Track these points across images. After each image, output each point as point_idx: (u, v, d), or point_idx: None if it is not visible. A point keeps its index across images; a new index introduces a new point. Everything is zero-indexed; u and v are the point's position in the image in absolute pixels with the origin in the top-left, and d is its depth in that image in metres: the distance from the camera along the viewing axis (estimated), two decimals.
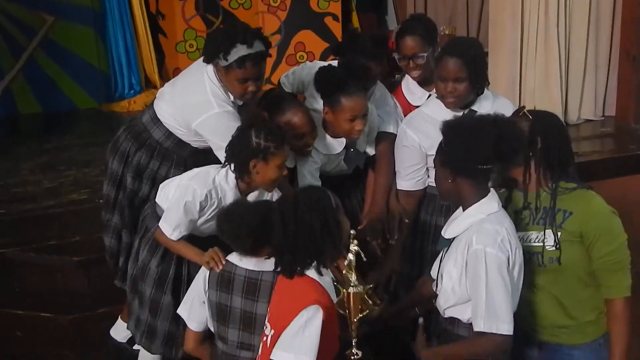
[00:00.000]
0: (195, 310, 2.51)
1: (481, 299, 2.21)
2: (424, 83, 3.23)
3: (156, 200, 2.91)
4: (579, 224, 2.36)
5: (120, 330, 3.36)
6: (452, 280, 2.31)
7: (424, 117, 2.96)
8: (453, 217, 2.42)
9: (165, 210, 2.76)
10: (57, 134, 5.85)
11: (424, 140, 2.92)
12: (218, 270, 2.44)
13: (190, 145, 3.09)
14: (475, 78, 2.83)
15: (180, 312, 2.56)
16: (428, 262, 2.58)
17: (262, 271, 2.38)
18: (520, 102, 5.31)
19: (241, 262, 2.42)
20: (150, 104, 3.17)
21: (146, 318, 2.90)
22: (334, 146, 3.05)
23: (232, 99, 2.94)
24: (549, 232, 2.39)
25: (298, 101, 3.14)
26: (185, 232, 2.72)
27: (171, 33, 6.94)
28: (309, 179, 3.01)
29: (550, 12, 5.47)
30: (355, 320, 2.55)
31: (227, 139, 2.75)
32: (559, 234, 2.37)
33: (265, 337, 2.22)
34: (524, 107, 2.54)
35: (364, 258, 2.55)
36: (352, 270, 2.54)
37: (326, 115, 2.98)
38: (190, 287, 2.57)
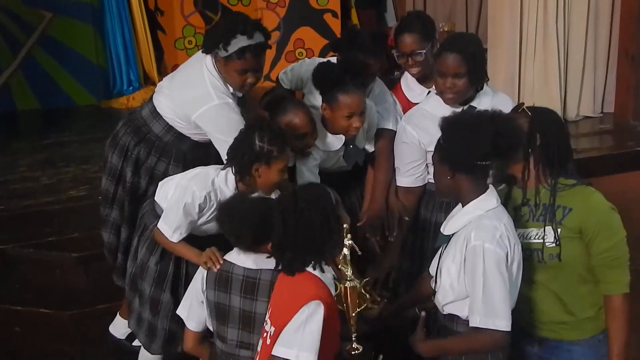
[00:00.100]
0: (194, 310, 2.50)
1: (479, 294, 2.21)
2: (423, 80, 3.22)
3: (155, 199, 2.89)
4: (578, 220, 2.35)
5: (119, 326, 3.35)
6: (450, 277, 2.30)
7: (424, 114, 2.96)
8: (452, 213, 2.41)
9: (165, 211, 2.75)
10: (55, 131, 5.85)
11: (423, 137, 2.92)
12: (215, 270, 2.44)
13: (190, 138, 3.08)
14: (474, 74, 2.82)
15: (180, 312, 2.55)
16: (428, 259, 2.58)
17: (261, 270, 2.37)
18: (519, 99, 5.32)
19: (239, 261, 2.41)
20: (150, 98, 3.16)
21: (147, 317, 2.89)
22: (333, 143, 3.05)
23: (231, 90, 2.93)
24: (548, 228, 2.38)
25: (299, 101, 3.12)
26: (185, 233, 2.71)
27: (170, 29, 6.94)
28: (308, 176, 3.00)
29: (549, 9, 5.47)
30: (353, 315, 2.55)
31: (227, 130, 2.75)
32: (559, 230, 2.37)
33: (266, 334, 2.21)
34: (523, 103, 2.53)
35: (358, 252, 2.54)
36: (347, 265, 2.54)
37: (324, 111, 2.97)
38: (189, 287, 2.57)
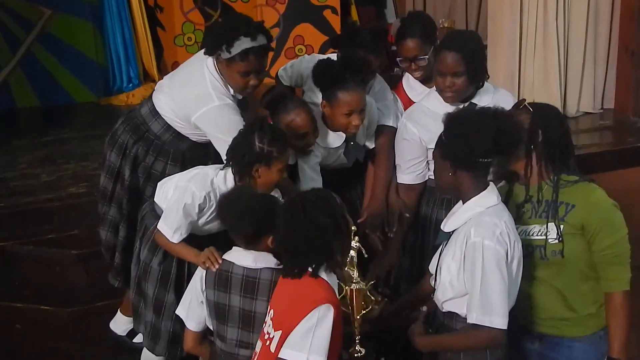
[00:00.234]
0: (193, 310, 2.50)
1: (477, 291, 2.21)
2: (425, 81, 3.21)
3: (155, 200, 2.88)
4: (581, 216, 2.35)
5: (120, 323, 3.36)
6: (450, 274, 2.30)
7: (424, 111, 2.95)
8: (452, 210, 2.41)
9: (165, 212, 2.74)
10: (55, 128, 5.83)
11: (424, 134, 2.92)
12: (214, 269, 2.43)
13: (188, 138, 3.07)
14: (473, 72, 2.81)
15: (179, 312, 2.55)
16: (429, 256, 2.57)
17: (261, 269, 2.36)
18: (519, 95, 5.31)
19: (239, 260, 2.40)
20: (149, 96, 3.15)
21: (151, 319, 2.88)
22: (333, 140, 3.04)
23: (232, 92, 2.92)
24: (551, 225, 2.38)
25: (301, 100, 3.10)
26: (186, 233, 2.70)
27: (169, 26, 6.92)
28: (310, 174, 3.00)
29: (549, 5, 5.46)
30: (358, 317, 2.54)
31: (227, 132, 2.74)
32: (562, 226, 2.37)
33: (267, 337, 2.19)
34: (524, 100, 2.53)
35: (365, 255, 2.54)
36: (353, 267, 2.53)
37: (324, 108, 2.96)
38: (188, 287, 2.56)
